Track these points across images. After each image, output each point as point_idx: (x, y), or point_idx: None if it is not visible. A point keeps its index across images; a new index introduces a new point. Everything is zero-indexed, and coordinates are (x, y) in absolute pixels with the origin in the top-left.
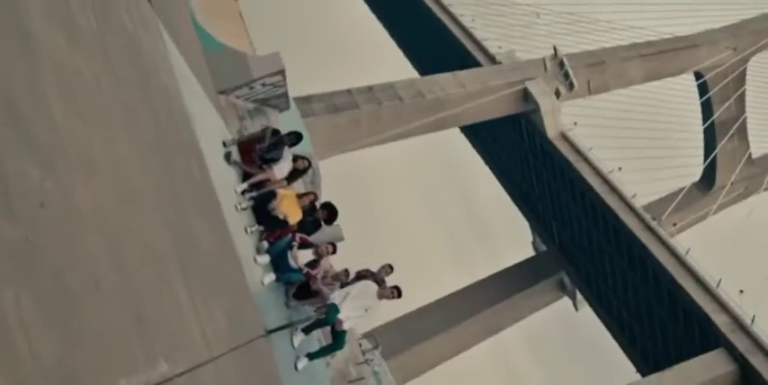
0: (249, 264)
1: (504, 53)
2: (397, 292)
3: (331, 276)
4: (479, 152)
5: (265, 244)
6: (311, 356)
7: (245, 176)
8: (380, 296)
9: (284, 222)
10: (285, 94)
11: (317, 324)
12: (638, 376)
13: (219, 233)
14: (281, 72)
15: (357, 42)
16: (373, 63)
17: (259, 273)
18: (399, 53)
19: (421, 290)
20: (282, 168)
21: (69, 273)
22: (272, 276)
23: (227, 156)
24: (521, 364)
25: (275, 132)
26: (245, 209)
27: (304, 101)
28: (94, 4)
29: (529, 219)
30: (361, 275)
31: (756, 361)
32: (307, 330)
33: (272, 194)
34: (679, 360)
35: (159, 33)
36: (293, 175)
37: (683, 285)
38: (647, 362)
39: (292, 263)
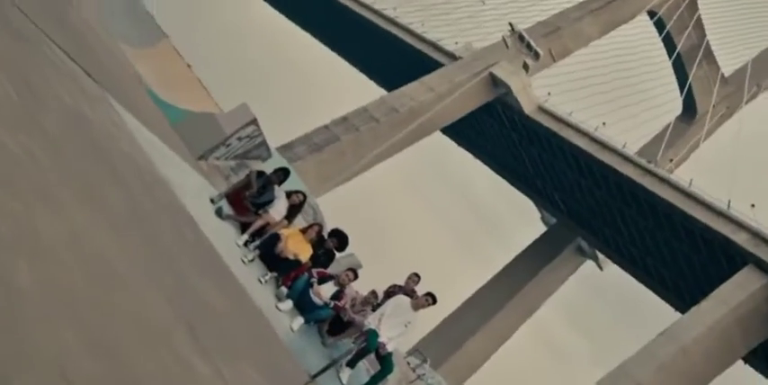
0: (273, 313)
1: (462, 47)
2: (431, 299)
3: (360, 302)
4: (466, 148)
5: (284, 289)
6: None
7: (244, 227)
8: (416, 307)
9: (296, 262)
10: (263, 143)
11: (361, 354)
12: (679, 315)
13: (231, 290)
14: (253, 121)
15: (319, 78)
16: (341, 93)
17: (286, 320)
18: (363, 77)
19: (448, 295)
20: (279, 208)
21: (18, 376)
22: (300, 320)
23: (219, 212)
24: (563, 338)
25: (260, 174)
26: (252, 260)
27: (286, 148)
28: (11, 77)
29: (531, 198)
30: (390, 292)
31: None
32: (351, 364)
33: (276, 237)
34: (712, 289)
35: (110, 106)
36: (292, 212)
37: (695, 216)
38: (683, 300)
39: (316, 300)
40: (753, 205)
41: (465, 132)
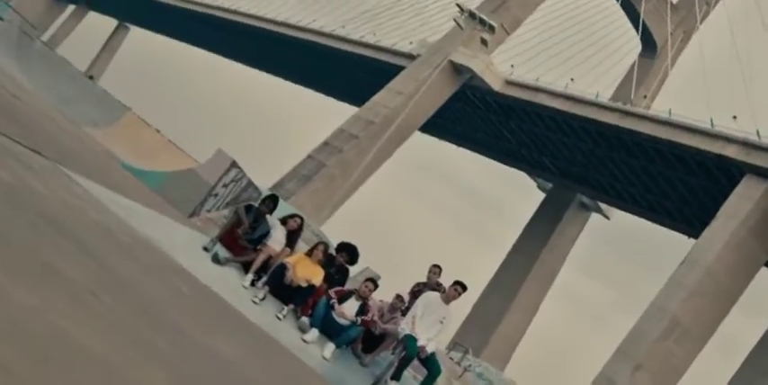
0: (301, 347)
1: (418, 45)
2: (461, 288)
3: (388, 310)
4: (448, 140)
5: (305, 319)
6: None
7: (247, 267)
8: (447, 300)
9: (311, 287)
10: (250, 183)
11: (403, 364)
12: (693, 241)
13: (245, 334)
14: (233, 164)
15: (288, 113)
16: (315, 123)
17: (316, 350)
18: (331, 101)
19: (470, 282)
20: (277, 238)
21: None
22: (330, 346)
23: (216, 258)
24: (590, 293)
25: (248, 208)
26: (263, 298)
27: (277, 187)
28: None
29: (522, 169)
30: (416, 291)
31: None
32: (396, 376)
33: (283, 268)
34: (718, 207)
35: (68, 179)
36: (292, 238)
37: (682, 142)
38: (693, 227)
39: (342, 321)
40: (734, 117)
41: (443, 125)
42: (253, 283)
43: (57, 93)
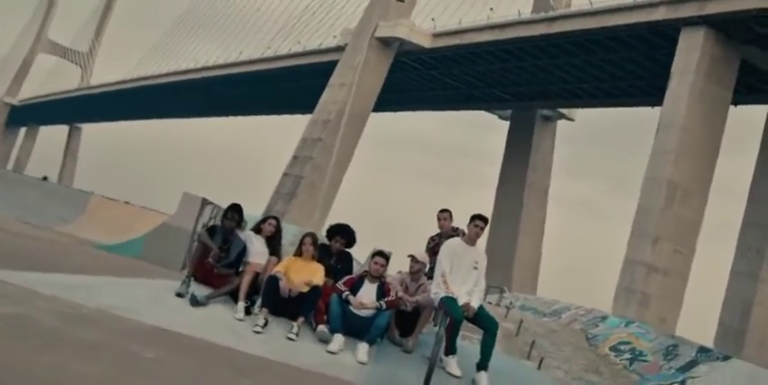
0: (329, 360)
1: (342, 36)
2: (480, 221)
3: (411, 279)
4: (402, 109)
5: (323, 327)
6: (481, 365)
7: (234, 295)
8: (471, 240)
9: (315, 289)
10: None
11: (452, 333)
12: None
13: (254, 375)
14: (205, 202)
15: (252, 143)
16: (281, 141)
17: (348, 357)
18: (288, 118)
19: None
20: (258, 250)
21: None
22: (363, 346)
23: (195, 301)
24: (586, 195)
25: (211, 230)
26: (265, 324)
27: (268, 211)
28: None
29: (481, 108)
30: (434, 247)
31: (713, 7)
32: (451, 349)
33: (274, 280)
34: (669, 70)
35: None
36: (273, 245)
37: (612, 24)
38: (654, 96)
39: (364, 312)
40: None
41: (393, 98)
42: (248, 311)
43: (17, 205)
